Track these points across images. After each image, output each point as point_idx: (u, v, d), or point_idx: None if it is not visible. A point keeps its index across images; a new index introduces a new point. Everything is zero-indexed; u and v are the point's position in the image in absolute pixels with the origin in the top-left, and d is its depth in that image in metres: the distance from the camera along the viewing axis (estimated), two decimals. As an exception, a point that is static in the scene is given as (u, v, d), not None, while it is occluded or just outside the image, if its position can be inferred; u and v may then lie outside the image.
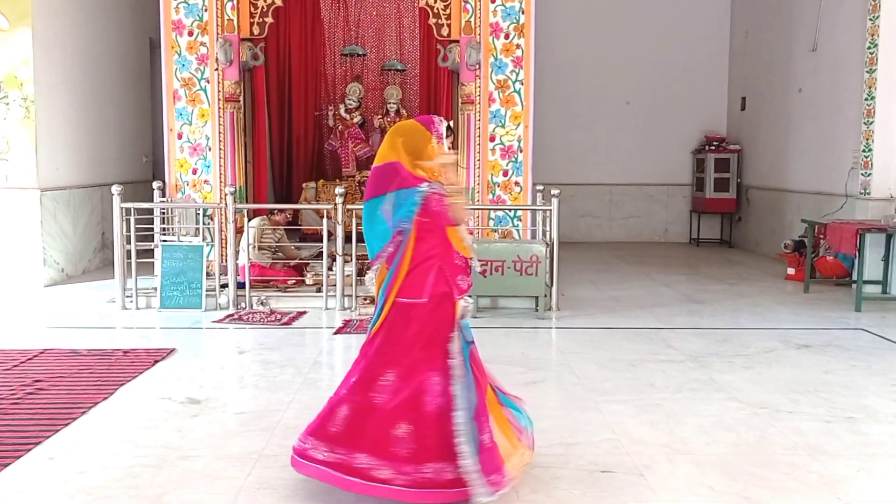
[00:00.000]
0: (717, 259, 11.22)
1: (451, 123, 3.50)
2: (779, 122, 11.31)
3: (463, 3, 8.14)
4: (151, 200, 8.26)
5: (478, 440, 3.20)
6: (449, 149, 3.51)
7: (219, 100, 8.15)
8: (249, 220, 7.83)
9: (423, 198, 3.32)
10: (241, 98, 8.37)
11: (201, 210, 8.02)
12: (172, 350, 5.82)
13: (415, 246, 3.33)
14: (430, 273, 3.33)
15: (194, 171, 8.23)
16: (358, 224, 7.47)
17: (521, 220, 8.24)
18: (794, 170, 10.88)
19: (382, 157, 3.44)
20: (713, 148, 12.49)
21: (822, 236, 8.79)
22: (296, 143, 10.53)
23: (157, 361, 5.49)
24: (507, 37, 8.16)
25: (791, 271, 9.33)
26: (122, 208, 7.32)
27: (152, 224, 7.98)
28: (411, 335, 3.32)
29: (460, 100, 8.39)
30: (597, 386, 5.01)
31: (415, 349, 3.31)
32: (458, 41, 8.23)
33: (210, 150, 8.19)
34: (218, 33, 8.09)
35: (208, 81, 8.15)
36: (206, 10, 8.10)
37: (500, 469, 3.22)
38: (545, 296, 7.26)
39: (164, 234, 7.94)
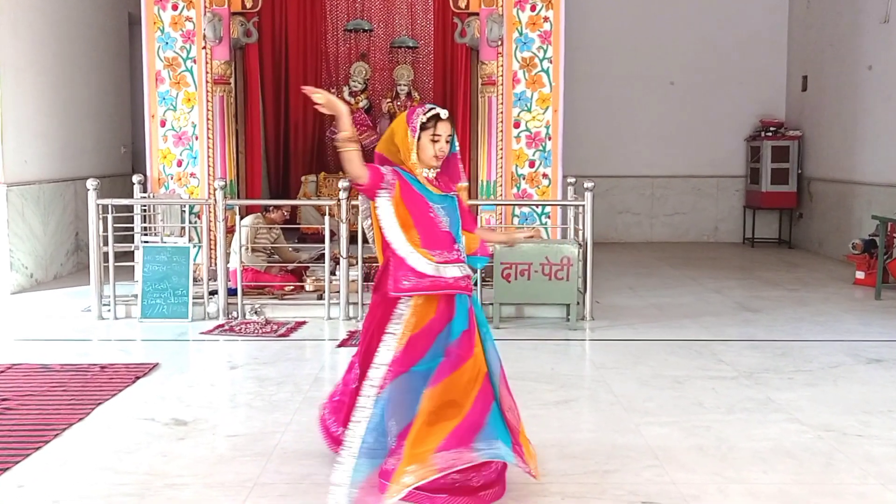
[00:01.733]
0: (774, 261, 11.17)
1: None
2: (845, 103, 11.25)
3: (483, -29, 8.17)
4: (131, 196, 8.34)
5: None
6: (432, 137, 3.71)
7: (207, 82, 8.21)
8: (242, 218, 7.88)
9: None
10: (232, 80, 8.44)
11: (187, 207, 8.08)
12: (155, 365, 5.87)
13: None
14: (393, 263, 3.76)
15: (179, 163, 8.30)
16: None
17: (549, 217, 8.25)
18: (863, 159, 10.81)
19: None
20: (770, 134, 12.44)
21: (895, 235, 8.72)
22: (294, 130, 10.59)
23: (138, 378, 5.54)
24: (533, 8, 8.18)
25: (860, 275, 9.28)
26: (98, 205, 7.39)
27: (132, 223, 8.05)
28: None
29: (480, 81, 8.41)
30: (637, 406, 5.01)
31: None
32: (477, 14, 8.26)
33: (197, 139, 8.25)
34: (206, 7, 8.15)
35: (195, 61, 8.22)
36: (192, -19, 8.18)
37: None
38: (578, 304, 7.26)
39: (146, 235, 8.00)
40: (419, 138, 3.66)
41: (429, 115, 3.67)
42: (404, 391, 3.48)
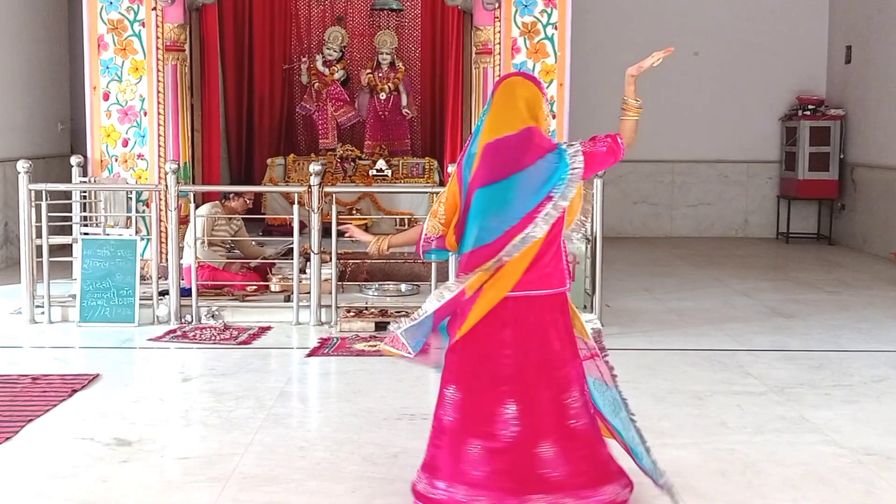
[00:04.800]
0: (811, 260, 11.23)
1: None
2: (895, 78, 11.29)
3: (478, -78, 8.18)
4: (69, 181, 8.32)
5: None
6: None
7: (157, 49, 8.20)
8: (197, 207, 7.88)
9: (583, 153, 3.70)
10: (187, 46, 8.42)
11: (134, 194, 8.07)
12: (96, 376, 5.87)
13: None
14: (564, 253, 3.74)
15: (125, 143, 8.29)
16: (339, 213, 7.52)
17: (553, 207, 8.27)
18: (915, 142, 10.87)
19: (515, 121, 3.65)
20: (808, 113, 12.48)
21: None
22: (258, 106, 10.60)
23: (75, 391, 5.53)
24: (535, -34, 8.20)
25: (910, 276, 9.34)
26: (30, 191, 7.38)
27: (70, 212, 8.04)
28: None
29: (474, 49, 8.42)
30: (652, 425, 5.02)
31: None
32: (471, -28, 8.28)
33: (146, 114, 8.24)
34: (156, -38, 8.15)
35: (143, 25, 8.20)
36: (140, -69, 8.17)
37: None
38: (585, 307, 7.28)
39: (86, 225, 7.99)
40: None
41: None
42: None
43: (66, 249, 8.14)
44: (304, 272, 7.49)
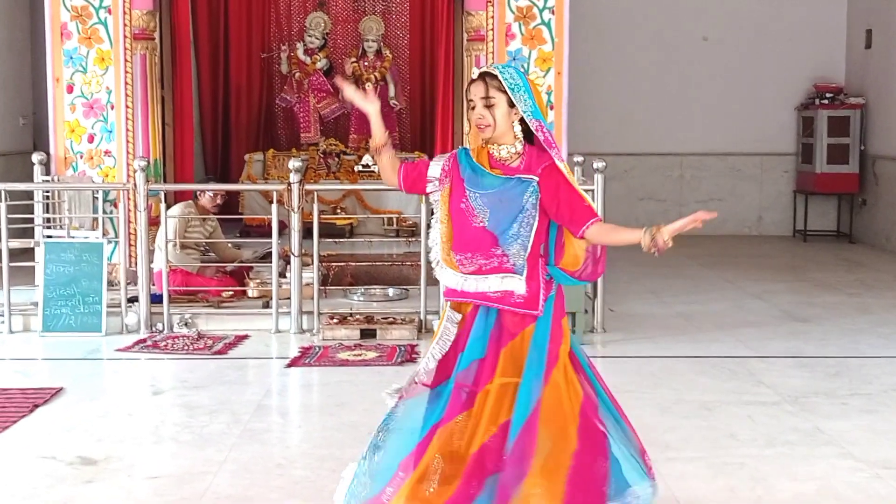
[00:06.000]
0: (830, 259, 11.24)
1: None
2: (919, 64, 11.32)
3: None
4: (30, 179, 8.31)
5: None
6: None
7: (125, 37, 8.19)
8: (169, 207, 7.87)
9: None
10: (157, 35, 8.42)
11: (101, 193, 8.07)
12: (59, 390, 5.86)
13: None
14: None
15: (91, 139, 8.29)
16: (322, 212, 7.51)
17: (551, 205, 8.28)
18: (940, 132, 10.89)
19: None
20: (826, 102, 12.49)
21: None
22: (235, 97, 10.58)
23: (37, 406, 5.52)
24: (531, -54, 8.22)
25: (935, 276, 9.36)
26: (-11, 191, 7.39)
27: (32, 213, 8.03)
28: None
29: (465, 36, 8.42)
30: (657, 437, 5.03)
31: None
32: (461, -47, 8.29)
33: (113, 108, 8.24)
34: (123, -56, 8.15)
35: (110, 12, 8.19)
36: (106, -89, 8.17)
37: None
38: (586, 312, 7.28)
39: (49, 228, 7.99)
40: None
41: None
42: (411, 411, 3.52)
43: (28, 254, 8.13)
44: (284, 276, 7.50)
